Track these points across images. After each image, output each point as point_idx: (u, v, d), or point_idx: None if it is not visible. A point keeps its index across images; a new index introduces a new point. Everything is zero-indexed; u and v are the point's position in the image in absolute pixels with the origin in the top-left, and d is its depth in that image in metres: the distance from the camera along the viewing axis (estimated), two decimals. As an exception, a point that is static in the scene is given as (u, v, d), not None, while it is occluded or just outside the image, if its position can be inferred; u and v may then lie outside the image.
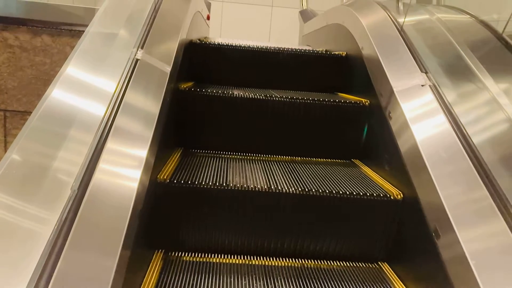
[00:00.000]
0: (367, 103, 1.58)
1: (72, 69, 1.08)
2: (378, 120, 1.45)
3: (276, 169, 1.56)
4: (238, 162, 1.60)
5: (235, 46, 1.99)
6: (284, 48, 2.04)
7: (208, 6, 3.69)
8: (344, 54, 1.94)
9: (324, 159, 1.71)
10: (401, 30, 1.57)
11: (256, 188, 1.30)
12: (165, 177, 1.27)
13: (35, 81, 2.39)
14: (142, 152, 1.01)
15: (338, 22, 2.15)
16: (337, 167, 1.61)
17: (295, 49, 2.06)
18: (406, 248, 1.23)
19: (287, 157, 1.73)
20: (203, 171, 1.41)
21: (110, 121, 0.99)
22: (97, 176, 0.86)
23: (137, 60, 1.20)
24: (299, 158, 1.72)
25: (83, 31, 1.26)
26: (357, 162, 1.72)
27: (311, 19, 3.36)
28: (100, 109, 1.01)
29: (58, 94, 1.01)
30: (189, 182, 1.27)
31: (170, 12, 1.59)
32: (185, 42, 1.61)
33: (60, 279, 0.68)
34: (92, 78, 1.08)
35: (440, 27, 1.58)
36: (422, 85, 1.34)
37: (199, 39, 1.99)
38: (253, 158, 1.69)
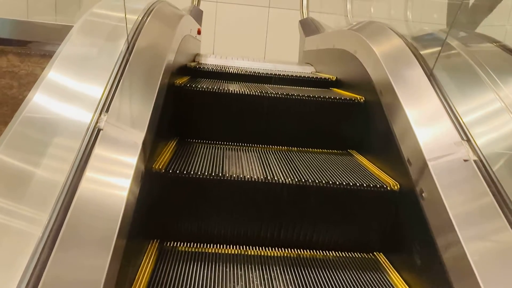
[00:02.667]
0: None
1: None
2: (409, 203, 1.26)
3: (273, 158, 1.63)
4: (235, 151, 1.69)
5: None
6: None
7: (200, 16, 3.37)
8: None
9: (321, 149, 1.81)
10: (430, 75, 1.41)
11: (253, 179, 1.37)
12: (160, 167, 1.34)
13: (0, 106, 2.14)
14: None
15: (348, 50, 2.01)
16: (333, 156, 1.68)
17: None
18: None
19: (283, 147, 1.82)
20: (199, 160, 1.49)
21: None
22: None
23: (98, 130, 1.02)
24: (296, 148, 1.80)
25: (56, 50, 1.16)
26: (353, 152, 1.80)
27: (314, 35, 3.29)
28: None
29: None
30: (185, 172, 1.35)
31: (149, 50, 1.45)
32: (167, 86, 1.48)
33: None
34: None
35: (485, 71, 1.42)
36: (465, 160, 1.13)
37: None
38: (250, 147, 1.76)
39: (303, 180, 1.35)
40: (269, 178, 1.36)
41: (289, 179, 1.36)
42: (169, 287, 1.13)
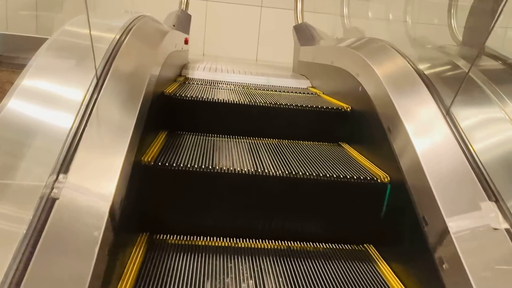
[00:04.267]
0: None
1: None
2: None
3: (263, 151, 1.67)
4: (225, 143, 1.72)
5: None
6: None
7: (187, 22, 3.17)
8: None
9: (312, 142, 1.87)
10: (447, 114, 1.29)
11: (243, 171, 1.41)
12: (149, 160, 1.37)
13: None
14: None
15: (350, 72, 1.94)
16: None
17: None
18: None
19: (274, 139, 1.86)
20: (189, 152, 1.53)
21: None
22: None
23: (53, 200, 0.86)
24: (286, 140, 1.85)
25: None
26: (344, 145, 1.87)
27: (310, 46, 3.26)
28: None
29: None
30: (174, 164, 1.38)
31: (125, 81, 1.30)
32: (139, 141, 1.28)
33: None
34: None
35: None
36: (495, 229, 0.99)
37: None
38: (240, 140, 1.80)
39: (294, 173, 1.42)
40: (259, 170, 1.43)
41: (280, 172, 1.43)
42: (158, 280, 1.16)
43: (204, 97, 1.87)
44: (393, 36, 4.13)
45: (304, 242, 1.44)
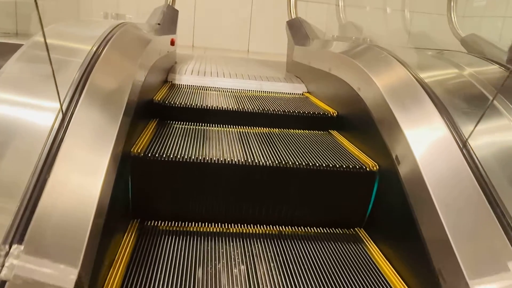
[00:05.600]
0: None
1: None
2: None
3: (253, 140, 1.71)
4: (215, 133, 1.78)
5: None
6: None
7: (174, 19, 3.02)
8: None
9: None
10: (463, 146, 1.19)
11: (233, 162, 1.45)
12: (139, 151, 1.40)
13: None
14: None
15: (350, 85, 1.86)
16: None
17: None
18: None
19: (264, 128, 1.92)
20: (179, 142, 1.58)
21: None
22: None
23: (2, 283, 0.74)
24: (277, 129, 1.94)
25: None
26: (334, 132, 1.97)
27: (305, 46, 3.13)
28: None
29: None
30: (164, 155, 1.41)
31: (98, 108, 1.17)
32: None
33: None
34: None
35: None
36: None
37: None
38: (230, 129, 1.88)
39: (283, 162, 1.48)
40: (249, 161, 1.48)
41: (270, 162, 1.48)
42: (150, 267, 1.19)
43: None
44: (391, 33, 3.98)
45: (296, 227, 1.53)
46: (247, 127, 1.96)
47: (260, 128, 1.97)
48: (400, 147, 1.34)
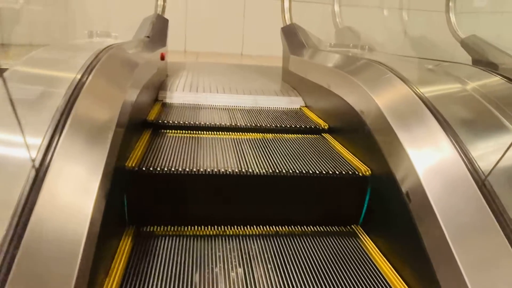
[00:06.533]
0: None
1: None
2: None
3: (247, 147, 1.75)
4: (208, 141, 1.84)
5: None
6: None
7: (164, 30, 2.92)
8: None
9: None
10: (482, 185, 1.10)
11: (227, 172, 1.48)
12: (133, 165, 1.44)
13: None
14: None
15: (353, 106, 1.78)
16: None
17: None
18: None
19: (258, 134, 1.97)
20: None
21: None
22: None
23: None
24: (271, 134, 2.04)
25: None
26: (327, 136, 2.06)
27: (302, 56, 3.01)
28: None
29: None
30: (158, 169, 1.44)
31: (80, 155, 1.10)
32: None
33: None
34: None
35: None
36: None
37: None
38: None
39: (277, 171, 1.54)
40: (243, 170, 1.52)
41: (264, 170, 1.53)
42: (146, 273, 1.19)
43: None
44: (390, 37, 3.88)
45: (292, 226, 1.57)
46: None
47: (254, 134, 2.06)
48: (410, 182, 1.28)
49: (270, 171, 1.55)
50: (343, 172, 1.59)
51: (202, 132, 1.98)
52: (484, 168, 1.16)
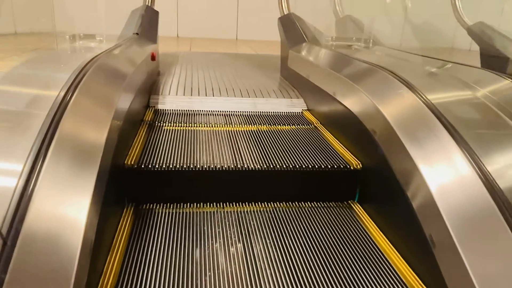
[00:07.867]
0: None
1: None
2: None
3: (243, 141, 1.82)
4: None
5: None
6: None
7: (154, 23, 2.76)
8: None
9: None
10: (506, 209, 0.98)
11: (223, 168, 1.53)
12: (132, 162, 1.47)
13: None
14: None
15: (364, 123, 1.63)
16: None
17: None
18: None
19: (253, 126, 2.05)
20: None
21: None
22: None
23: None
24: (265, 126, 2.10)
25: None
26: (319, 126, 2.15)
27: (302, 51, 2.85)
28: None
29: None
30: (157, 166, 1.48)
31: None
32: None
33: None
34: None
35: None
36: None
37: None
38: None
39: (272, 166, 1.59)
40: (239, 166, 1.57)
41: (259, 165, 1.59)
42: (148, 249, 1.21)
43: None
44: (394, 26, 3.70)
45: (290, 202, 1.59)
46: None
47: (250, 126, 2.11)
48: (436, 228, 1.14)
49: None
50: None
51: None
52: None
